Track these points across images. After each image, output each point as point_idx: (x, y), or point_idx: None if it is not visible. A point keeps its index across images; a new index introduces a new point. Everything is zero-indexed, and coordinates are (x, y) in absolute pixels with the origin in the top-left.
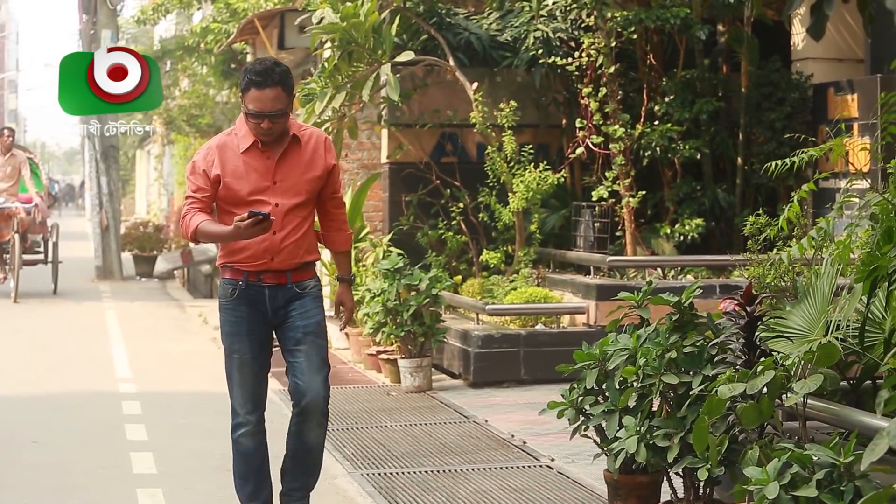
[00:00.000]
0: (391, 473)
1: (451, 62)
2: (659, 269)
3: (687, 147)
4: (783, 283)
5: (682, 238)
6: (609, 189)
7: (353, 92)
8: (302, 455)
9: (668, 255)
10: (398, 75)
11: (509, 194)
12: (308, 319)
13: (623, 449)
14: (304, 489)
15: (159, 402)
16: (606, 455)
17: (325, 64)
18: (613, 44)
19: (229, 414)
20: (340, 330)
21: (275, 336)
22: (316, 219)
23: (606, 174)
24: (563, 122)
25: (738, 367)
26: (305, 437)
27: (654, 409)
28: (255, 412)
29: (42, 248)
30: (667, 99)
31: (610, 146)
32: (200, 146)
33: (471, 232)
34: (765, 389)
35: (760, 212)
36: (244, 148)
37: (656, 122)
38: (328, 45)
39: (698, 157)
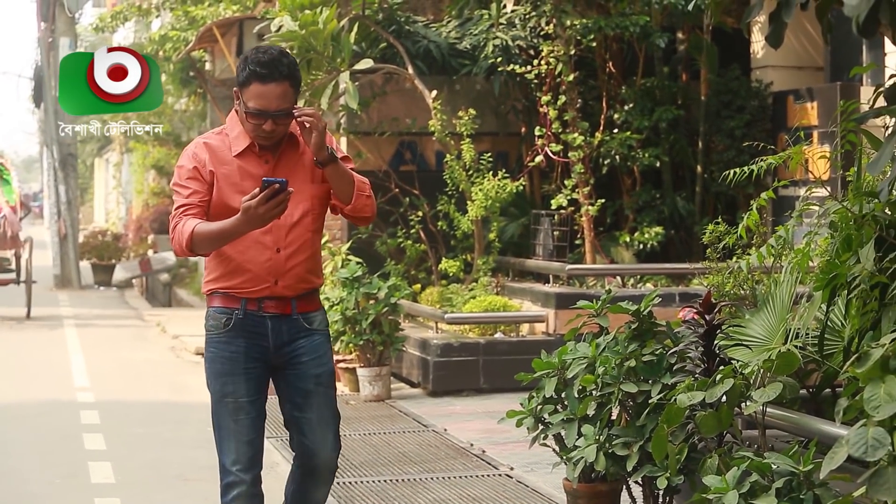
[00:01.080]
0: (350, 483)
1: (410, 70)
2: (618, 278)
3: (646, 155)
4: (742, 292)
5: (641, 246)
6: (568, 197)
7: (311, 100)
8: None
9: (627, 263)
10: (357, 83)
11: (468, 202)
12: (321, 367)
13: (582, 458)
14: None
15: (118, 411)
16: (566, 464)
17: None
18: (573, 52)
19: (188, 423)
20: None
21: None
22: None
23: (565, 182)
24: (522, 130)
25: (697, 375)
26: (310, 496)
27: (614, 417)
28: (251, 471)
29: (13, 266)
30: (626, 107)
31: (569, 154)
32: (184, 149)
33: (430, 240)
34: (724, 398)
35: (720, 220)
36: (238, 150)
37: (615, 130)
38: None
39: (657, 165)
